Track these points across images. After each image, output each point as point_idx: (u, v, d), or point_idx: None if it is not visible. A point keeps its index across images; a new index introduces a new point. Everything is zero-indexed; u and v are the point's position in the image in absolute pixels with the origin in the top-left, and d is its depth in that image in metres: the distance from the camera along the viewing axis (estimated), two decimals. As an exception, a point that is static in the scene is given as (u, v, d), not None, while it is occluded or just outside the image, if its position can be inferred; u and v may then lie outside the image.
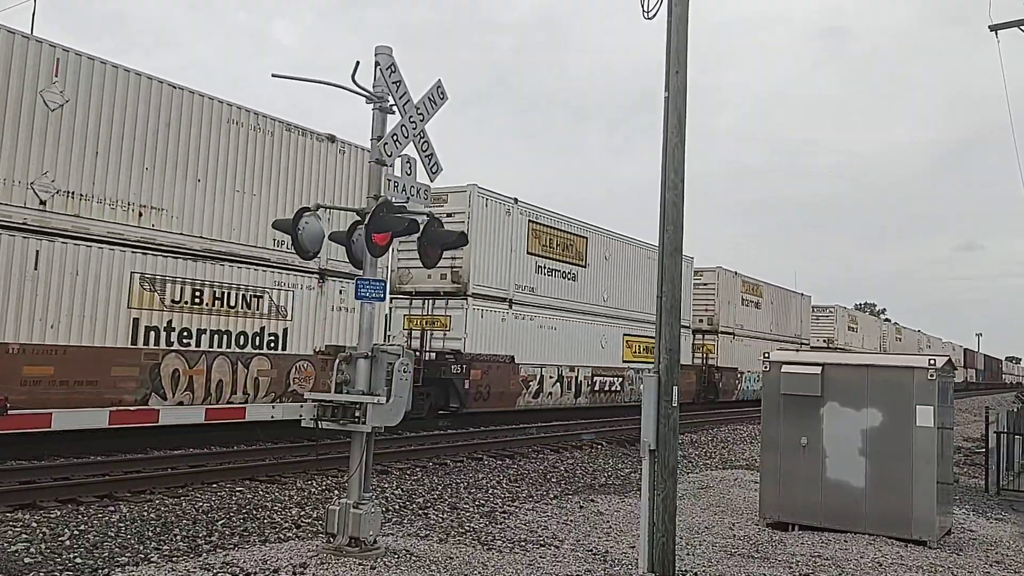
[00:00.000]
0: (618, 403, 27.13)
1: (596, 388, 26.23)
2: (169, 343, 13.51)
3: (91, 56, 12.62)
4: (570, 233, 25.12)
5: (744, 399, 36.71)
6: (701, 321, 35.20)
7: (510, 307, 22.41)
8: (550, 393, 23.91)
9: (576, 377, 25.25)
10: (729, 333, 36.04)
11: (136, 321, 13.11)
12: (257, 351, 15.05)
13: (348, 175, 16.98)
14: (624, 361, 27.87)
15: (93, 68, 12.60)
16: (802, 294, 45.77)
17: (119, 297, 12.90)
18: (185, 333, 13.81)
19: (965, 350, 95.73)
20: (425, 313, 21.41)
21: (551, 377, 23.97)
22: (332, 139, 16.56)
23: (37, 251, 11.88)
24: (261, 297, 15.18)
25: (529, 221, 23.21)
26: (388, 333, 21.61)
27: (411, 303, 21.66)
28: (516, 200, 22.64)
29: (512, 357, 22.26)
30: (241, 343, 14.77)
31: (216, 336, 14.34)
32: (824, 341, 50.24)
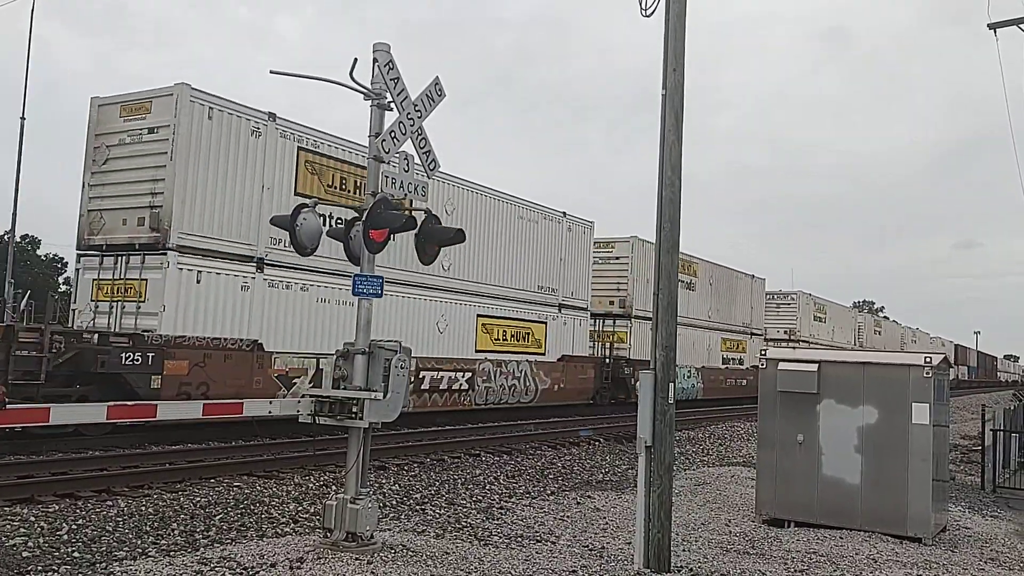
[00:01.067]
0: (464, 406, 20.84)
1: (425, 387, 19.50)
2: None
3: None
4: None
5: None
6: (612, 303, 28.26)
7: (260, 270, 15.86)
8: None
9: None
10: (647, 319, 31.39)
11: None
12: None
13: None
14: (478, 351, 21.61)
15: None
16: (753, 276, 38.95)
17: None
18: None
19: (956, 346, 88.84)
20: (117, 277, 14.90)
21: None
22: None
23: None
24: None
25: (299, 149, 16.51)
26: (73, 307, 15.73)
27: (102, 262, 15.21)
28: (273, 116, 16.08)
29: (258, 343, 15.63)
30: None
31: None
32: (784, 333, 43.67)
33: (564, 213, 25.45)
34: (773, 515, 10.27)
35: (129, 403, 12.75)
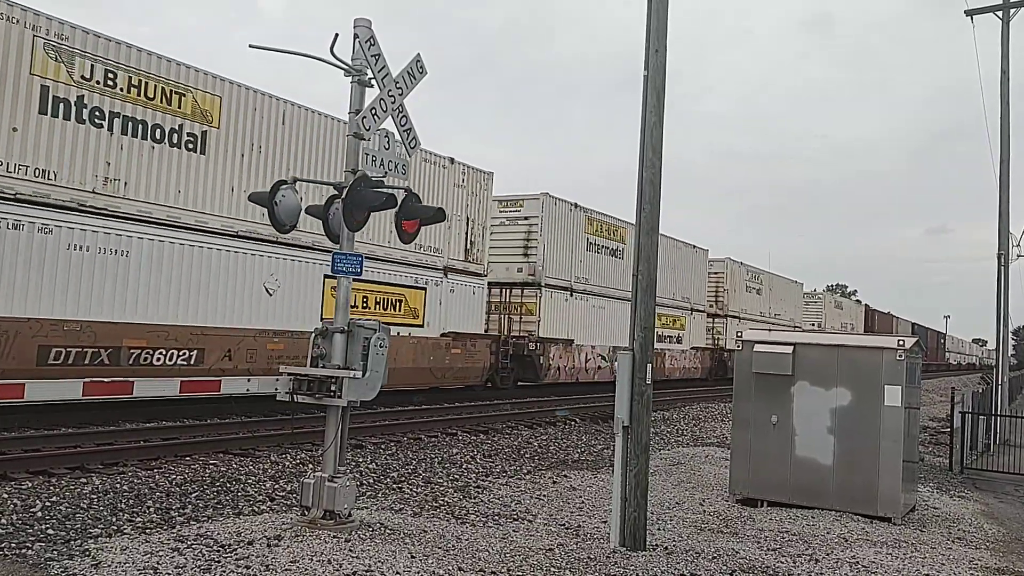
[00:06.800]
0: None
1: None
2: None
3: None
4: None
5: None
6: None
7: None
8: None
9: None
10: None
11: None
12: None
13: None
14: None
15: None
16: (696, 247, 34.60)
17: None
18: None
19: (871, 311, 64.42)
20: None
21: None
22: None
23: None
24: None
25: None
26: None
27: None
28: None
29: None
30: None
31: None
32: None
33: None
34: (746, 495, 10.40)
35: (106, 379, 12.80)
